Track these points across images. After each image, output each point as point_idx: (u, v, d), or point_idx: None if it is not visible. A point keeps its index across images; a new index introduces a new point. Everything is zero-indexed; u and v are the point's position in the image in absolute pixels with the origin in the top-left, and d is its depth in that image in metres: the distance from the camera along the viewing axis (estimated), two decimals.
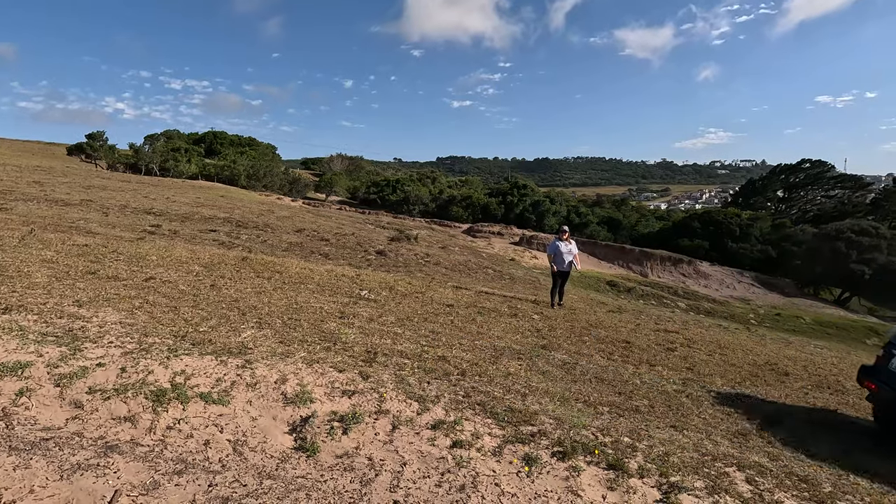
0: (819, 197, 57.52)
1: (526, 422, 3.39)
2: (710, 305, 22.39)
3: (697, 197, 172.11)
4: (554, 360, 5.43)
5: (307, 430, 2.95)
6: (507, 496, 2.63)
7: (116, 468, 2.34)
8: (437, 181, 54.42)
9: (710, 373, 6.23)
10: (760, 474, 3.27)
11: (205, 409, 2.95)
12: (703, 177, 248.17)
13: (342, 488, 2.53)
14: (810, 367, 8.09)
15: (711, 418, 4.51)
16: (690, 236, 38.96)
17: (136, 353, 3.34)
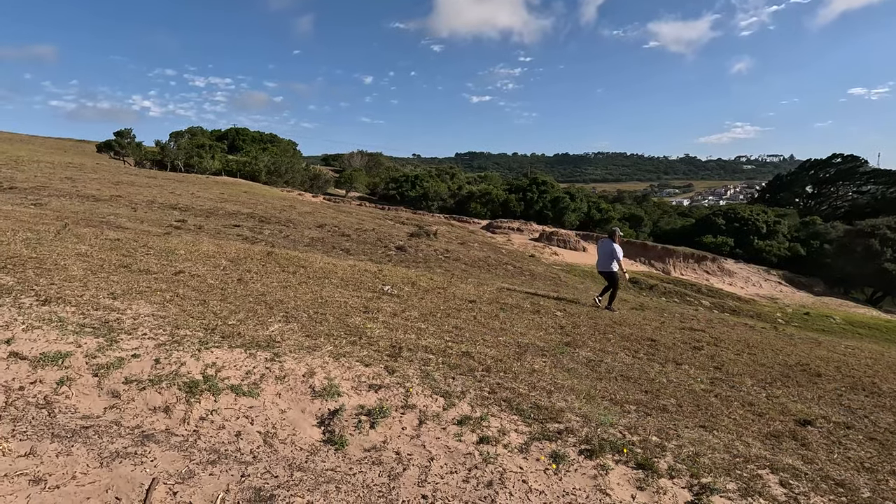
0: (850, 193, 55.62)
1: (552, 419, 3.36)
2: (735, 304, 21.90)
3: (722, 193, 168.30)
4: (579, 358, 5.38)
5: (335, 423, 2.98)
6: (534, 493, 2.62)
7: (153, 457, 2.40)
8: (456, 177, 54.35)
9: (739, 372, 6.09)
10: (795, 477, 3.18)
11: (235, 401, 3.01)
12: (727, 172, 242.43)
13: (371, 482, 2.55)
14: (843, 368, 7.84)
15: (742, 419, 4.41)
16: (714, 233, 38.09)
17: (169, 344, 3.42)
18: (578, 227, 39.29)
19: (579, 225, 40.81)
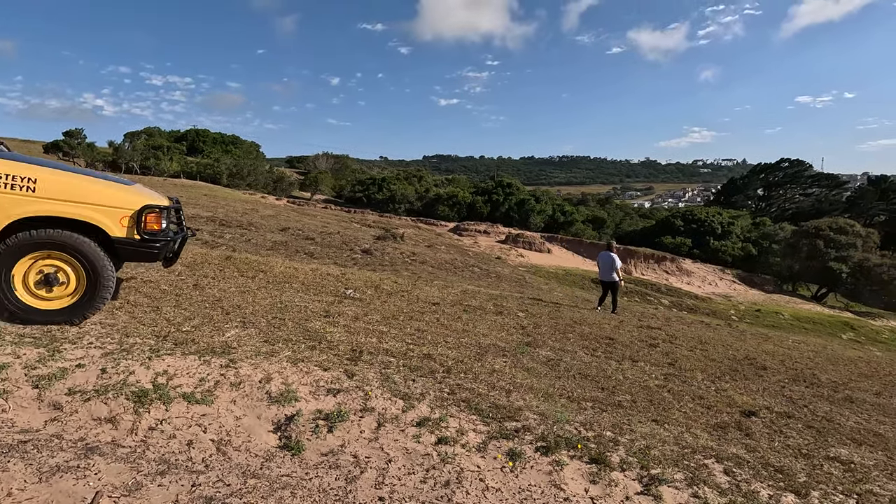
0: (797, 195, 58.91)
1: (510, 418, 3.43)
2: (692, 302, 22.78)
3: (681, 195, 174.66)
4: (538, 357, 5.49)
5: (292, 428, 2.95)
6: (491, 491, 2.67)
7: (97, 469, 2.32)
8: (424, 180, 54.36)
9: (691, 367, 6.35)
10: (738, 465, 3.36)
11: (188, 409, 2.93)
12: (686, 175, 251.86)
13: (327, 486, 2.54)
14: (787, 361, 8.29)
15: (692, 412, 4.61)
16: (673, 234, 39.55)
17: (117, 353, 3.30)
18: (543, 229, 39.99)
19: (544, 227, 41.56)
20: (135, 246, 3.52)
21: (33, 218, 3.28)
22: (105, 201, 3.44)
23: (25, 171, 3.25)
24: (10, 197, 3.20)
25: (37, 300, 3.46)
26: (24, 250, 3.32)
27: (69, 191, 3.36)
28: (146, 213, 3.52)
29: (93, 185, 3.50)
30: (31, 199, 3.24)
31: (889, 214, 49.90)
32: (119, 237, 3.45)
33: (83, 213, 3.35)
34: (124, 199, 3.52)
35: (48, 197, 3.28)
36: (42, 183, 3.27)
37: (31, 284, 3.43)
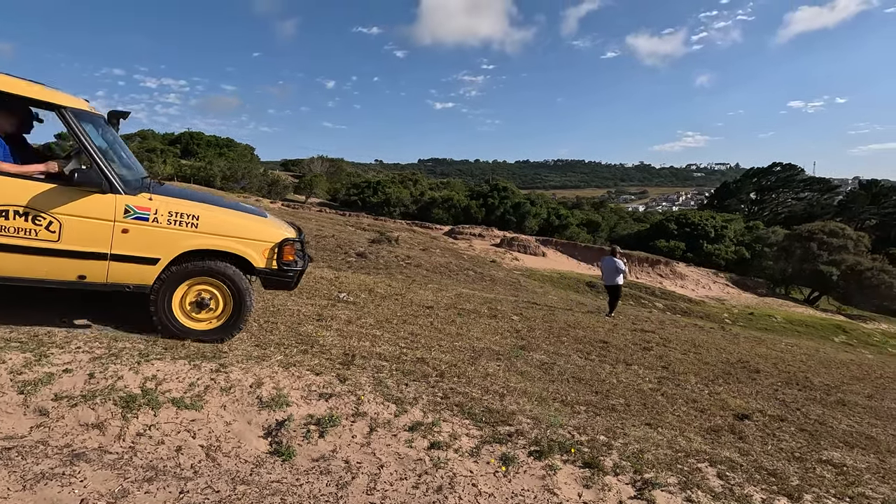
0: (790, 199, 59.45)
1: (503, 422, 3.41)
2: (686, 305, 22.86)
3: (674, 199, 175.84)
4: (532, 361, 5.48)
5: (283, 433, 2.91)
6: (484, 496, 2.65)
7: (83, 476, 2.28)
8: (419, 183, 54.39)
9: (685, 371, 6.36)
10: (731, 469, 3.35)
11: (177, 414, 2.89)
12: (679, 179, 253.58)
13: (318, 492, 2.51)
14: (780, 364, 8.33)
15: (685, 415, 4.61)
16: (667, 238, 39.76)
17: (106, 358, 3.25)
18: (538, 233, 40.08)
19: (539, 230, 41.66)
20: (273, 275, 3.93)
21: (194, 250, 3.68)
22: (251, 235, 3.86)
23: (190, 209, 3.66)
24: (179, 232, 3.60)
25: (190, 321, 3.85)
26: (183, 277, 3.71)
27: (223, 226, 3.77)
28: (284, 246, 3.90)
29: (241, 221, 3.93)
30: (195, 233, 3.64)
31: (879, 218, 50.44)
32: (261, 267, 3.87)
33: (234, 247, 3.77)
34: (267, 233, 3.92)
35: (207, 232, 3.68)
36: (203, 219, 3.67)
37: (187, 307, 3.82)
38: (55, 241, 3.31)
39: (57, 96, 3.44)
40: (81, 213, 3.35)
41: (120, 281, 3.57)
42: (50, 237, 3.30)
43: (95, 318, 4.11)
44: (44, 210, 3.27)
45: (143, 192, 3.57)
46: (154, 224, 3.52)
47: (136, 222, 3.48)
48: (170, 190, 4.00)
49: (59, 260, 3.36)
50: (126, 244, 3.47)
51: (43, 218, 3.27)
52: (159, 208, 3.55)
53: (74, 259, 3.39)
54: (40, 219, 3.26)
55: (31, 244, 3.27)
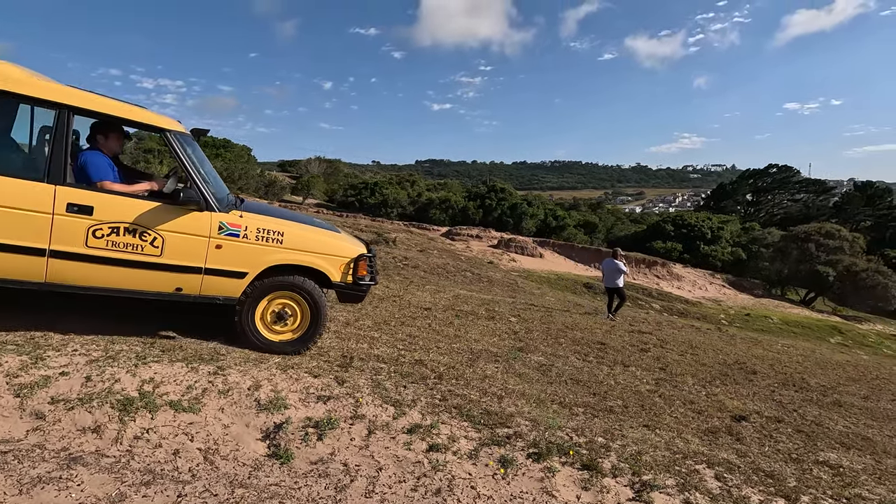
0: (786, 201, 59.67)
1: (502, 424, 3.41)
2: (683, 306, 22.91)
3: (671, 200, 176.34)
4: (530, 363, 5.48)
5: (281, 436, 2.91)
6: (482, 498, 2.65)
7: (80, 480, 2.27)
8: (416, 184, 54.34)
9: (682, 372, 6.38)
10: (729, 471, 3.36)
11: (174, 417, 2.88)
12: (676, 181, 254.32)
13: (316, 495, 2.50)
14: (777, 365, 8.36)
15: (683, 417, 4.62)
16: (664, 239, 39.84)
17: (103, 360, 3.24)
18: (535, 234, 40.10)
19: (536, 231, 41.69)
20: (348, 289, 4.12)
21: (277, 265, 3.86)
22: (330, 251, 4.05)
23: (276, 226, 3.86)
24: (266, 248, 3.80)
25: (270, 333, 4.01)
26: (266, 291, 3.89)
27: (305, 242, 3.96)
28: (359, 261, 4.11)
29: (321, 237, 4.12)
30: (279, 249, 3.84)
31: (875, 220, 50.73)
32: (337, 281, 4.05)
33: (314, 262, 3.95)
34: (344, 249, 4.12)
35: (291, 247, 3.87)
36: (287, 236, 3.86)
37: (268, 319, 3.99)
38: (158, 255, 3.51)
39: (161, 120, 3.70)
40: (181, 230, 3.56)
41: (211, 293, 3.77)
42: (154, 252, 3.50)
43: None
44: (149, 227, 3.46)
45: (233, 210, 3.79)
46: (244, 240, 3.73)
47: (229, 238, 3.69)
48: (251, 206, 4.22)
49: (161, 273, 3.57)
50: (219, 259, 3.67)
51: (148, 234, 3.47)
52: (249, 225, 3.76)
53: (173, 273, 3.59)
54: (146, 235, 3.47)
55: (138, 258, 3.47)
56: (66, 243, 3.27)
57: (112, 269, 3.43)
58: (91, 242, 3.33)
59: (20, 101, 3.30)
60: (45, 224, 3.21)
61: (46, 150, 3.33)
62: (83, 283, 3.43)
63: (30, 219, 3.18)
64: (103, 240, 3.36)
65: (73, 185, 3.30)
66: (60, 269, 3.32)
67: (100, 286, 3.48)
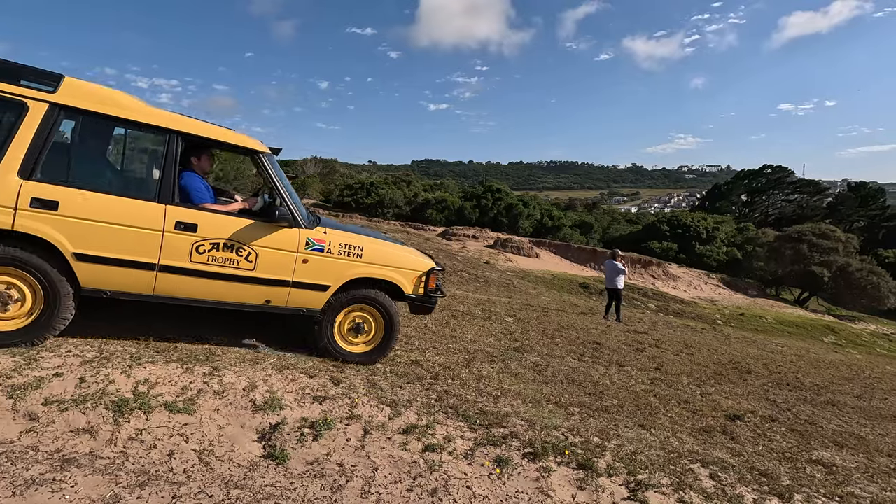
0: (780, 201, 59.93)
1: (498, 424, 3.42)
2: (678, 306, 22.98)
3: (666, 200, 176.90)
4: (526, 363, 5.50)
5: (276, 437, 2.90)
6: (478, 498, 2.65)
7: (74, 482, 2.26)
8: (413, 184, 54.29)
9: (677, 372, 6.41)
10: (723, 470, 3.38)
11: (169, 418, 2.87)
12: (671, 181, 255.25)
13: (312, 495, 2.50)
14: (771, 364, 8.41)
15: (678, 416, 4.65)
16: (660, 239, 39.96)
17: (97, 361, 3.22)
18: (532, 234, 40.14)
19: (532, 232, 41.72)
20: (420, 301, 4.31)
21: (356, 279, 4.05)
22: (404, 265, 4.24)
23: (356, 241, 4.07)
24: (347, 262, 3.99)
25: (347, 344, 4.20)
26: (345, 304, 4.09)
27: (382, 257, 4.15)
28: (431, 275, 4.32)
29: (396, 251, 4.32)
30: (359, 263, 4.03)
31: (868, 220, 51.06)
32: (409, 294, 4.24)
33: (390, 275, 4.14)
34: (417, 263, 4.33)
35: (369, 262, 4.06)
36: (366, 251, 4.07)
37: (345, 331, 4.18)
38: (252, 269, 3.72)
39: (253, 143, 3.90)
40: (272, 246, 3.76)
41: (297, 305, 3.97)
42: (248, 266, 3.71)
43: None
44: (244, 243, 3.68)
45: (318, 226, 4.00)
46: (328, 255, 3.93)
47: (314, 253, 3.88)
48: (328, 222, 4.44)
49: (254, 286, 3.77)
50: (305, 273, 3.87)
51: (244, 249, 3.68)
52: (332, 241, 3.96)
53: (264, 286, 3.80)
54: (242, 250, 3.68)
55: (234, 272, 3.69)
56: (173, 258, 3.50)
57: (211, 283, 3.65)
58: (194, 258, 3.56)
59: (134, 127, 3.53)
60: (156, 241, 3.44)
61: (155, 172, 3.58)
62: (185, 295, 3.65)
63: (144, 236, 3.41)
64: (205, 255, 3.58)
65: (179, 205, 3.53)
66: (167, 282, 3.54)
67: (200, 298, 3.70)
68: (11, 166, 3.12)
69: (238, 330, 4.47)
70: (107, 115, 3.37)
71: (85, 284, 3.39)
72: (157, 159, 3.60)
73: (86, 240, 3.28)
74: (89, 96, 3.32)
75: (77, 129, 3.46)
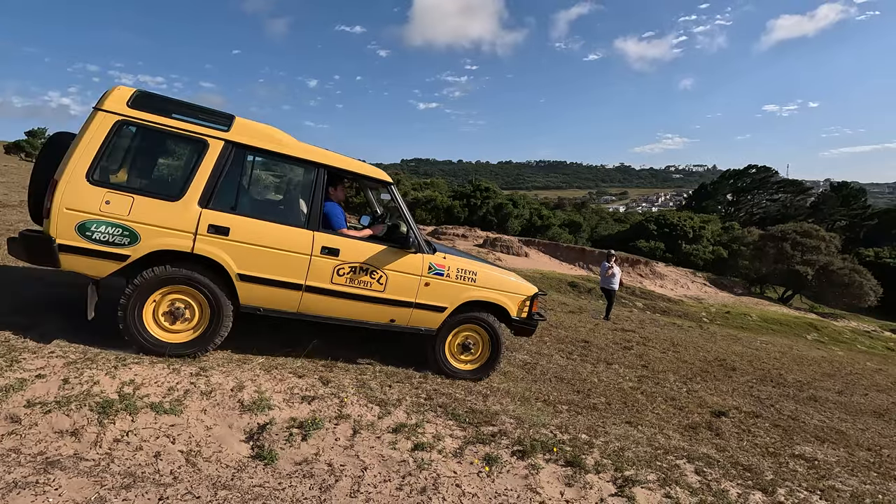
0: (764, 201, 60.84)
1: (487, 422, 3.43)
2: (665, 304, 23.23)
3: (654, 200, 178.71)
4: (515, 361, 5.52)
5: (265, 437, 2.89)
6: (467, 496, 2.66)
7: (58, 485, 2.23)
8: (402, 183, 54.20)
9: (664, 369, 6.49)
10: (708, 465, 3.43)
11: (155, 419, 2.84)
12: (659, 180, 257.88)
13: (301, 495, 2.49)
14: (755, 361, 8.55)
15: (664, 413, 4.71)
16: (647, 238, 40.35)
17: (81, 363, 3.18)
18: (521, 233, 40.30)
19: (522, 231, 41.88)
20: (523, 324, 4.59)
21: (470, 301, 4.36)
22: (512, 289, 4.55)
23: (471, 267, 4.41)
24: (463, 286, 4.31)
25: (456, 362, 4.50)
26: (457, 324, 4.40)
27: (493, 281, 4.46)
28: (535, 299, 4.61)
29: (504, 276, 4.62)
30: (473, 287, 4.35)
31: (849, 220, 52.07)
32: (515, 317, 4.53)
33: (499, 298, 4.45)
34: (523, 287, 4.63)
35: (482, 286, 4.38)
36: (479, 275, 4.39)
37: (454, 349, 4.51)
38: (382, 291, 4.04)
39: (385, 175, 4.25)
40: (401, 269, 4.08)
41: (417, 325, 4.27)
42: (379, 288, 4.03)
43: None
44: (378, 266, 4.00)
45: (438, 252, 4.32)
46: (447, 279, 4.24)
47: (436, 277, 4.20)
48: (441, 248, 4.75)
49: (382, 307, 4.08)
50: (426, 295, 4.18)
51: (376, 273, 4.00)
52: (451, 265, 4.29)
53: (391, 306, 4.11)
54: (375, 273, 4.00)
55: (367, 293, 4.00)
56: (318, 280, 3.83)
57: (347, 302, 3.96)
58: (335, 279, 3.88)
59: (289, 161, 3.87)
60: (304, 264, 3.78)
61: (303, 201, 3.93)
62: (324, 313, 3.97)
63: (296, 259, 3.75)
64: (343, 277, 3.90)
65: (323, 231, 3.86)
66: (310, 301, 3.87)
67: (335, 316, 4.00)
68: (194, 196, 3.48)
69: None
70: (268, 151, 3.74)
71: (244, 302, 3.72)
72: (306, 190, 3.92)
73: (248, 262, 3.62)
74: (255, 134, 3.71)
75: (244, 162, 3.79)
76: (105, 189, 3.33)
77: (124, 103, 3.40)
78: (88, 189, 3.29)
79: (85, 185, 3.29)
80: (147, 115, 3.43)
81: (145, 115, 3.43)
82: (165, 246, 3.44)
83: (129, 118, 3.40)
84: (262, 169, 3.96)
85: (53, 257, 3.31)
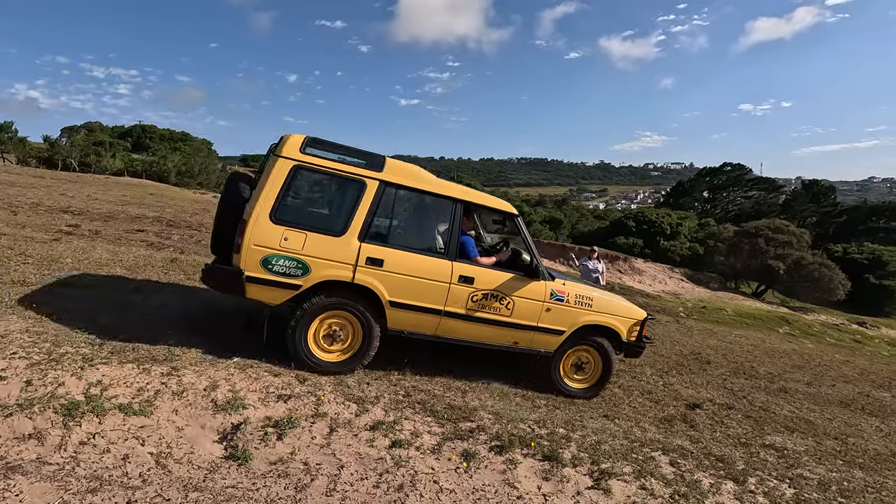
0: (739, 198, 62.25)
1: (465, 418, 3.44)
2: (644, 300, 23.57)
3: (633, 197, 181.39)
4: (494, 356, 5.53)
5: (239, 437, 2.83)
6: (445, 492, 2.66)
7: (19, 490, 2.15)
8: None
9: (641, 363, 6.58)
10: (682, 457, 3.50)
11: (124, 421, 2.76)
12: (638, 178, 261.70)
13: (276, 495, 2.45)
14: (729, 355, 8.75)
15: (640, 406, 4.78)
16: (626, 235, 40.94)
17: (45, 363, 3.07)
18: None
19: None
20: (632, 346, 4.81)
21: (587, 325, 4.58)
22: (624, 313, 4.77)
23: (587, 292, 4.63)
24: (580, 311, 4.54)
25: (570, 381, 4.74)
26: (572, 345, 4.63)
27: (608, 306, 4.68)
28: (644, 322, 4.84)
29: (618, 301, 4.84)
30: (589, 311, 4.57)
31: (819, 216, 53.67)
32: (625, 340, 4.75)
33: (612, 322, 4.67)
34: (634, 312, 4.85)
35: (598, 310, 4.60)
36: (595, 301, 4.61)
37: (568, 369, 4.74)
38: (509, 315, 4.30)
39: (511, 208, 4.50)
40: (526, 296, 4.33)
41: (536, 347, 4.51)
42: (507, 313, 4.29)
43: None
44: (507, 293, 4.27)
45: (558, 279, 4.52)
46: (566, 304, 4.47)
47: (556, 303, 4.43)
48: (559, 275, 4.89)
49: (508, 330, 4.33)
50: (547, 319, 4.42)
51: (505, 299, 4.26)
52: (569, 291, 4.51)
53: (516, 329, 4.35)
54: (503, 299, 4.26)
55: (496, 318, 4.26)
56: (454, 305, 4.12)
57: (478, 326, 4.23)
58: (469, 305, 4.15)
59: (432, 196, 4.15)
60: (444, 291, 4.07)
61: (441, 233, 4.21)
62: (457, 336, 4.24)
63: (438, 287, 4.06)
64: (477, 303, 4.17)
65: (460, 261, 4.14)
66: (447, 325, 4.15)
67: (466, 339, 4.27)
68: (354, 231, 3.83)
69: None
70: (414, 188, 4.06)
71: (391, 326, 4.03)
72: (444, 222, 4.22)
73: (398, 290, 3.93)
74: (402, 173, 4.03)
75: (394, 199, 4.03)
76: (284, 227, 3.69)
77: (298, 150, 3.77)
78: (271, 227, 3.66)
79: (268, 223, 3.66)
80: (316, 160, 3.80)
81: (315, 160, 3.80)
82: (332, 277, 3.78)
83: (303, 163, 3.77)
84: (407, 204, 4.21)
85: (241, 287, 3.66)
